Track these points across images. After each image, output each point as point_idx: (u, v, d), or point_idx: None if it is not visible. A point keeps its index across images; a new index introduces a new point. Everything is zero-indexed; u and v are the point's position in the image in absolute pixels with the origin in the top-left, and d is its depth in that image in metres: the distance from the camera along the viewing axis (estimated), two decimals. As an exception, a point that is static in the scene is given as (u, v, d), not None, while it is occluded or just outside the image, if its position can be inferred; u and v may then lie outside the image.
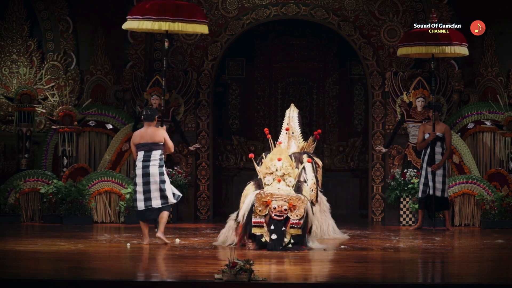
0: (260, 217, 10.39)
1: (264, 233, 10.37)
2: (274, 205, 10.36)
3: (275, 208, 10.35)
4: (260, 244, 10.37)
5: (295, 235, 10.41)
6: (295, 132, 11.79)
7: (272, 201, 10.38)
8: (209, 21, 14.77)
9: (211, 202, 15.12)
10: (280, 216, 10.33)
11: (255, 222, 10.41)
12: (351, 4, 14.90)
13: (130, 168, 14.55)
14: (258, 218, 10.41)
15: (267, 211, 10.38)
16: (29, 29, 15.54)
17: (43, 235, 12.00)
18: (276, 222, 10.33)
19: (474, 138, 14.63)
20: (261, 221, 10.39)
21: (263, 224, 10.38)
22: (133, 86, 14.72)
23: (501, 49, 15.23)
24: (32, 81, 15.35)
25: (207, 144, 15.07)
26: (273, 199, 10.41)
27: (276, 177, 10.66)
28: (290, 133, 11.66)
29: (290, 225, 10.40)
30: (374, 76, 14.90)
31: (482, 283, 8.14)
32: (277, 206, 10.35)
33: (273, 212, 10.34)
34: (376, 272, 9.02)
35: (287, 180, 10.68)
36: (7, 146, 15.23)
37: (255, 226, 10.41)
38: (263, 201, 10.42)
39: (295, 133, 11.78)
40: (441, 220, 13.61)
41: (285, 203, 10.38)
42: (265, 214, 10.38)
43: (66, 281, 7.95)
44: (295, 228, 10.40)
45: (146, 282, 8.01)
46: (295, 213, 10.40)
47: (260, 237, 10.38)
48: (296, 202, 10.42)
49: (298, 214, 10.40)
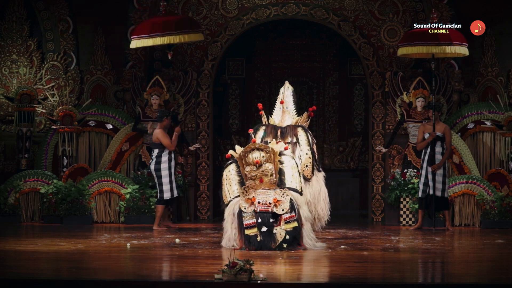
0: (250, 218, 10.45)
1: (257, 233, 10.44)
2: (258, 200, 10.51)
3: (259, 203, 10.48)
4: (256, 245, 10.40)
5: (291, 230, 10.44)
6: (289, 107, 11.73)
7: (256, 197, 10.51)
8: (209, 21, 14.86)
9: (211, 202, 15.12)
10: (265, 208, 10.42)
11: (246, 224, 10.48)
12: (351, 4, 14.90)
13: (130, 168, 14.57)
14: (248, 220, 10.48)
15: (253, 208, 10.48)
16: (29, 29, 15.55)
17: (43, 235, 12.00)
18: (263, 215, 10.43)
19: (474, 138, 14.63)
20: (252, 222, 10.46)
21: (255, 224, 10.46)
22: (133, 86, 14.73)
23: (501, 49, 15.23)
24: (32, 81, 15.35)
25: (207, 144, 15.07)
26: (257, 194, 10.53)
27: (257, 175, 10.66)
28: (284, 107, 11.60)
29: (284, 221, 10.45)
30: (374, 76, 14.90)
31: (482, 283, 8.13)
32: (261, 201, 10.49)
33: (258, 207, 10.45)
34: (376, 272, 9.02)
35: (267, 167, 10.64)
36: (7, 146, 15.23)
37: (248, 228, 10.47)
38: (247, 199, 10.54)
39: (289, 108, 11.71)
40: (441, 220, 13.61)
41: (269, 197, 10.50)
42: (252, 210, 10.46)
43: (66, 281, 7.95)
44: (290, 222, 10.47)
45: (146, 282, 8.00)
46: (281, 208, 10.48)
47: (255, 238, 10.42)
48: (280, 197, 10.52)
49: (284, 208, 10.48)
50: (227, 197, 10.82)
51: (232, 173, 10.85)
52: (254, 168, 10.62)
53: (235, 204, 10.66)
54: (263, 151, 10.67)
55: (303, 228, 10.62)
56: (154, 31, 13.48)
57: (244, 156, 10.70)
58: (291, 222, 10.47)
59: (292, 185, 10.75)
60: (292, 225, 10.47)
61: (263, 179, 10.63)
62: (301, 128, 11.45)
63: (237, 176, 10.82)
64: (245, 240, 10.45)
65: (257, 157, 10.61)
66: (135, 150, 14.54)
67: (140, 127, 14.42)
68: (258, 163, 10.59)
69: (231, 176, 10.85)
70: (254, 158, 10.61)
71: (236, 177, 10.82)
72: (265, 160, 10.63)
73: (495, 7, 15.11)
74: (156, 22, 13.64)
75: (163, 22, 13.54)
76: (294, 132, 11.33)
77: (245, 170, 10.69)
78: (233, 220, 10.63)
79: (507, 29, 15.27)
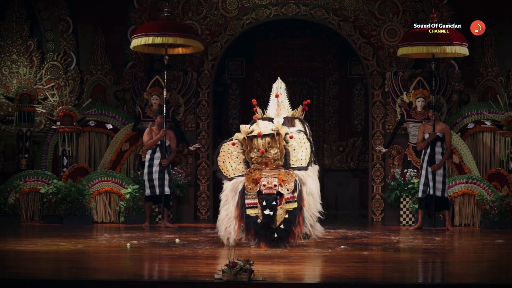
0: (253, 198, 10.48)
1: (258, 213, 10.48)
2: (263, 182, 10.51)
3: (265, 185, 10.49)
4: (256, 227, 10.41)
5: (291, 210, 10.49)
6: (283, 101, 11.75)
7: (261, 178, 10.52)
8: (209, 21, 14.86)
9: (211, 202, 15.12)
10: (270, 190, 10.44)
11: (248, 204, 10.51)
12: (351, 4, 14.90)
13: (130, 168, 14.57)
14: (251, 199, 10.51)
15: (258, 188, 10.50)
16: (29, 29, 15.55)
17: (43, 235, 12.00)
18: (267, 198, 10.45)
19: (474, 138, 14.63)
20: (254, 202, 10.48)
21: (257, 205, 10.48)
22: (133, 86, 14.73)
23: (501, 49, 15.24)
24: (32, 81, 15.35)
25: (207, 144, 15.07)
26: (262, 176, 10.53)
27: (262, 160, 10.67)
28: (279, 101, 11.62)
29: (285, 201, 10.49)
30: (374, 76, 14.90)
31: (482, 283, 8.13)
32: (266, 183, 10.49)
33: (263, 189, 10.47)
34: (376, 272, 9.02)
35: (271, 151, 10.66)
36: (7, 146, 15.23)
37: (249, 207, 10.51)
38: (253, 179, 10.55)
39: (284, 103, 11.73)
40: (441, 220, 13.61)
41: (275, 179, 10.50)
42: (257, 191, 10.49)
43: (66, 281, 7.95)
44: (291, 202, 10.51)
45: (146, 282, 8.01)
46: (286, 187, 10.51)
47: (256, 219, 10.43)
48: (285, 177, 10.53)
49: (289, 188, 10.50)
50: (230, 172, 10.83)
51: (236, 150, 10.86)
52: (259, 154, 10.66)
53: (239, 182, 10.70)
54: (268, 137, 10.69)
55: (304, 208, 10.65)
56: (153, 31, 13.58)
57: (249, 140, 10.73)
58: (292, 203, 10.53)
59: (297, 164, 10.79)
60: (292, 206, 10.53)
61: (268, 163, 10.69)
62: (298, 119, 11.51)
63: (241, 155, 10.86)
64: (246, 220, 10.49)
65: (262, 144, 10.63)
66: (135, 150, 14.54)
67: (140, 127, 14.42)
68: (263, 152, 10.63)
69: (235, 153, 10.87)
70: (259, 145, 10.63)
71: (241, 155, 10.85)
72: (270, 146, 10.66)
73: (495, 7, 15.12)
74: (157, 23, 13.84)
75: (164, 24, 13.71)
76: (291, 124, 11.36)
77: (250, 155, 10.73)
78: (233, 197, 10.65)
79: (507, 29, 15.27)
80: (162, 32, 13.52)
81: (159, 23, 13.81)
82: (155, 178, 13.48)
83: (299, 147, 10.83)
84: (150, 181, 13.52)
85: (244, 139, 10.75)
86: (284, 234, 10.54)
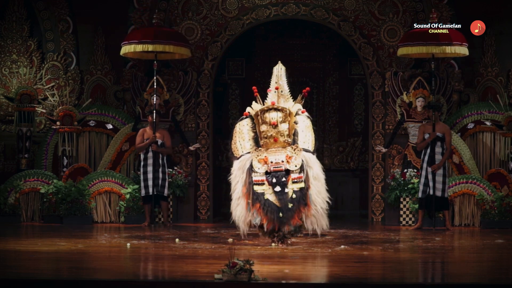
0: (261, 176, 10.58)
1: (266, 190, 10.54)
2: (271, 160, 10.64)
3: (272, 162, 10.61)
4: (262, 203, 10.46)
5: (298, 190, 10.56)
6: (284, 90, 11.76)
7: (268, 157, 10.64)
8: (209, 21, 14.88)
9: (211, 202, 15.12)
10: (278, 167, 10.52)
11: (255, 181, 10.61)
12: (351, 4, 14.90)
13: (130, 168, 14.57)
14: (258, 177, 10.62)
15: (265, 168, 10.59)
16: (29, 29, 15.55)
17: (43, 235, 12.00)
18: (276, 175, 10.56)
19: (474, 138, 14.63)
20: (261, 179, 10.57)
21: (264, 182, 10.56)
22: (133, 86, 14.73)
23: (501, 49, 15.24)
24: (32, 81, 15.35)
25: (207, 144, 15.07)
26: (270, 154, 10.66)
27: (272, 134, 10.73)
28: (280, 92, 11.66)
29: (292, 181, 10.55)
30: (374, 76, 14.90)
31: (482, 283, 8.13)
32: (274, 160, 10.62)
33: (271, 166, 10.57)
34: (376, 272, 9.02)
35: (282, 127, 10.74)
36: (7, 146, 15.23)
37: (256, 184, 10.59)
38: (260, 159, 10.67)
39: (284, 92, 11.75)
40: (441, 220, 13.61)
41: (282, 155, 10.62)
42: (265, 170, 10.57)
43: (66, 281, 7.94)
44: (297, 182, 10.58)
45: (146, 282, 8.01)
46: (293, 163, 10.62)
47: (263, 196, 10.48)
48: (292, 153, 10.66)
49: (296, 164, 10.62)
50: (239, 150, 10.95)
51: (246, 127, 11.02)
52: (271, 128, 10.72)
53: (246, 160, 10.78)
54: (281, 111, 10.81)
55: (310, 190, 10.68)
56: (144, 38, 13.78)
57: (261, 114, 10.81)
58: (299, 183, 10.59)
59: (305, 146, 10.89)
60: (299, 186, 10.60)
61: (278, 139, 10.75)
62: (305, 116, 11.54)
63: (251, 132, 10.98)
64: (253, 196, 10.57)
65: (274, 117, 10.76)
66: (135, 150, 14.53)
67: (140, 127, 14.42)
68: (275, 124, 10.72)
69: (244, 131, 11.01)
70: (271, 118, 10.75)
71: (251, 133, 10.99)
72: (282, 120, 10.78)
73: (495, 7, 15.12)
74: (148, 30, 14.00)
75: (155, 31, 13.90)
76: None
77: (260, 129, 10.81)
78: (241, 175, 10.71)
79: (507, 29, 15.27)
80: (155, 40, 13.72)
81: (149, 31, 13.96)
82: (149, 178, 13.64)
83: (307, 130, 11.00)
84: (144, 181, 13.69)
85: (256, 114, 10.86)
86: (290, 214, 10.57)
